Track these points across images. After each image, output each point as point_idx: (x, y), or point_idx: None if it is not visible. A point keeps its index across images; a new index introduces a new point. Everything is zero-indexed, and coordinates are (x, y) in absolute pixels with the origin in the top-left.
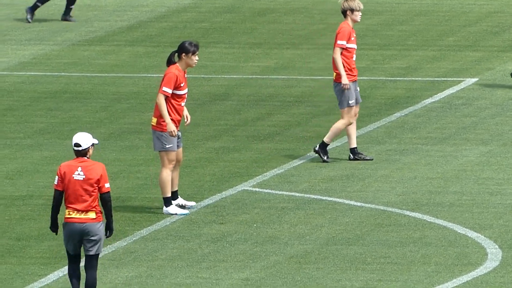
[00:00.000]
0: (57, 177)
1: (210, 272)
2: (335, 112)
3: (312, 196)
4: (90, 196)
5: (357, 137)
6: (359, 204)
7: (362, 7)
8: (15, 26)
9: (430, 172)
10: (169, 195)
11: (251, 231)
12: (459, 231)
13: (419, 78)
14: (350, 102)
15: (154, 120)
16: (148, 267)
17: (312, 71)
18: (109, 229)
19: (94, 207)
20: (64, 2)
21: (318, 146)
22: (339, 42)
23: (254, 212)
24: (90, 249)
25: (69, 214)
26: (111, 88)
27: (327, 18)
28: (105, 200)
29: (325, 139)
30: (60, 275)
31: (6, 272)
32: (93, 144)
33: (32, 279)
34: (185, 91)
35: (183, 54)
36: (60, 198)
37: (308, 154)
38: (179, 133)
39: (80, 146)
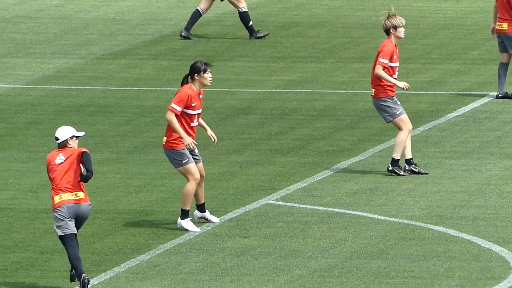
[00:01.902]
0: (48, 173)
1: (234, 286)
2: (359, 126)
3: (336, 209)
4: (75, 175)
5: (381, 151)
6: (383, 218)
7: (404, 22)
8: (39, 40)
9: (454, 186)
10: (188, 208)
11: (274, 244)
12: (483, 245)
13: (443, 92)
14: (397, 112)
15: (164, 139)
16: (171, 280)
17: (336, 85)
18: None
19: (81, 187)
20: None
21: (390, 165)
22: (381, 60)
23: (278, 226)
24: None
25: (60, 198)
26: (134, 102)
27: (350, 32)
28: (84, 177)
29: (394, 155)
30: None
31: (30, 286)
32: (74, 137)
33: None
34: (198, 111)
35: (195, 74)
36: None
37: (331, 168)
38: (196, 150)
39: (58, 139)
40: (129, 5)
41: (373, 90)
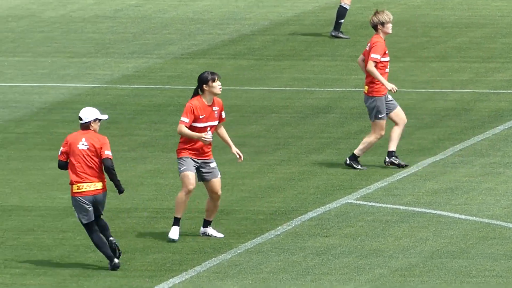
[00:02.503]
0: (61, 148)
1: (315, 285)
2: (438, 125)
3: (416, 209)
4: (96, 165)
5: (461, 150)
6: (463, 217)
7: (392, 17)
8: (118, 39)
9: None
10: (178, 216)
11: (355, 244)
12: None
13: None
14: (380, 116)
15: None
16: (253, 279)
17: (415, 84)
18: (118, 189)
19: (101, 177)
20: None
21: (348, 158)
22: (373, 55)
23: (358, 225)
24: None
25: (78, 188)
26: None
27: (429, 31)
28: (105, 165)
29: (356, 151)
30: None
31: (112, 285)
32: (97, 119)
33: None
34: (209, 123)
35: (204, 85)
36: (64, 167)
37: (411, 167)
38: (212, 165)
39: (81, 119)
40: (207, 4)
41: (366, 87)
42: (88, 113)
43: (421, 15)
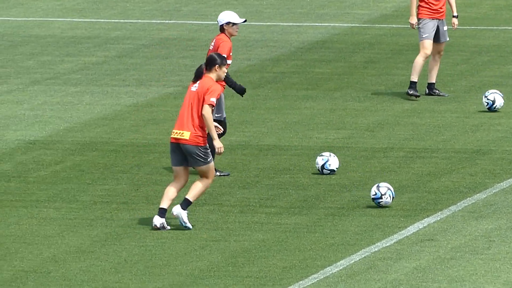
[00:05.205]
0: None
1: None
2: None
3: None
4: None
5: None
6: None
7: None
8: None
9: None
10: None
11: None
12: None
13: None
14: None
15: (187, 134)
16: (508, 219)
17: None
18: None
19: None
20: None
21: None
22: None
23: None
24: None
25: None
26: (472, 41)
27: None
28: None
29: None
30: (420, 227)
31: (366, 224)
32: (229, 23)
33: (392, 231)
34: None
35: (216, 66)
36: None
37: None
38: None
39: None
40: None
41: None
42: (225, 16)
43: None
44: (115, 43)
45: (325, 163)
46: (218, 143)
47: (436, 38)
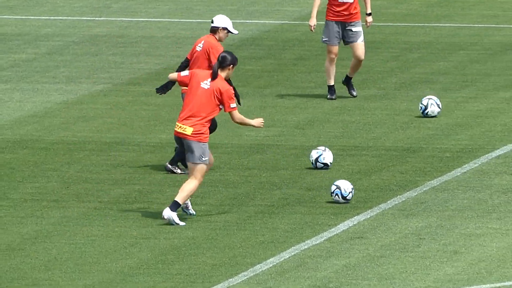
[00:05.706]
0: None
1: (500, 223)
2: None
3: None
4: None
5: None
6: None
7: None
8: None
9: None
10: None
11: None
12: None
13: None
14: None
15: (190, 130)
16: (438, 217)
17: None
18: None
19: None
20: None
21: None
22: None
23: None
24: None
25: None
26: (402, 38)
27: None
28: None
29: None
30: (350, 225)
31: (296, 222)
32: (225, 29)
33: (322, 229)
34: None
35: (231, 65)
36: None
37: None
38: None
39: (212, 22)
40: None
41: None
42: (221, 21)
43: None
44: (45, 40)
45: (319, 156)
46: (255, 121)
47: (344, 40)
